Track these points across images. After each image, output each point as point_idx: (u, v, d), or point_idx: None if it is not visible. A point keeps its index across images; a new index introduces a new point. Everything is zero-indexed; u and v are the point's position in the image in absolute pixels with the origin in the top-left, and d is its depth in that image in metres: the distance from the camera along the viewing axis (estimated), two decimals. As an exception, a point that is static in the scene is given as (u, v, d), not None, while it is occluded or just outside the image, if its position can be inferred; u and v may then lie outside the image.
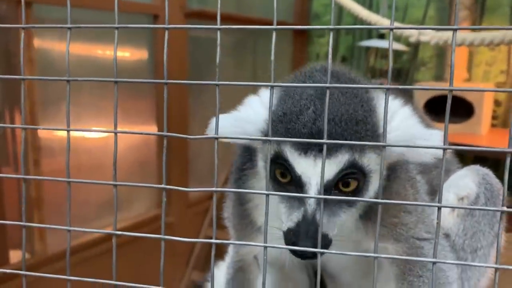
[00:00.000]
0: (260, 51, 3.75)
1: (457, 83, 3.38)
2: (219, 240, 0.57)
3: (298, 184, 0.71)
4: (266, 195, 0.57)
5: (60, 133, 2.45)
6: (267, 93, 0.77)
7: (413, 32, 2.05)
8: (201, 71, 3.16)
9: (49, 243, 2.39)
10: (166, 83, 0.54)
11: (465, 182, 0.91)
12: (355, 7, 2.79)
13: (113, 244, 0.58)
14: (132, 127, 2.87)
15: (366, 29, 3.66)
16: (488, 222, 0.89)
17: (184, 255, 3.28)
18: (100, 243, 2.56)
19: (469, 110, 3.05)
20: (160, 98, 2.88)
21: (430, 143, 0.68)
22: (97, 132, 2.65)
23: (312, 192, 0.69)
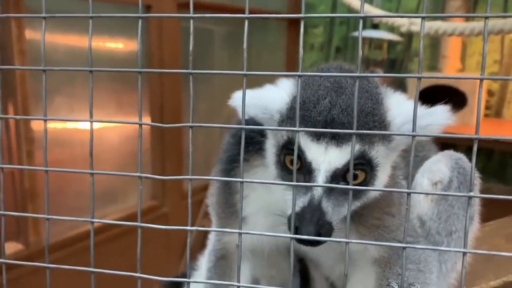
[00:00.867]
0: (255, 42, 3.74)
1: (451, 74, 3.39)
2: (194, 227, 0.58)
3: (308, 171, 0.72)
4: (241, 183, 0.58)
5: (53, 125, 2.45)
6: (286, 82, 0.80)
7: (404, 22, 2.05)
8: (195, 61, 3.15)
9: (44, 235, 2.40)
10: (140, 72, 0.55)
11: (439, 167, 0.92)
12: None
13: (91, 232, 0.59)
14: (127, 119, 2.87)
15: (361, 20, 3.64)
16: (462, 206, 0.89)
17: (179, 247, 3.30)
18: (99, 233, 2.57)
19: (462, 100, 3.05)
20: (153, 90, 2.90)
21: (436, 118, 0.71)
22: (85, 123, 2.64)
23: (320, 179, 0.71)
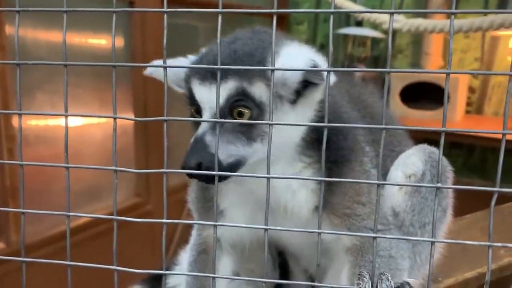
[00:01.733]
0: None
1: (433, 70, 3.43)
2: (170, 220, 0.59)
3: (198, 111, 0.79)
4: (215, 176, 0.59)
5: (35, 122, 2.43)
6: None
7: (386, 19, 2.07)
8: (178, 57, 3.14)
9: (26, 233, 2.37)
10: (114, 66, 0.55)
11: (412, 160, 0.93)
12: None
13: (67, 226, 0.59)
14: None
15: (344, 17, 3.67)
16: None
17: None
18: (83, 231, 2.55)
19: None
20: (136, 86, 2.89)
21: (294, 58, 0.76)
22: (78, 120, 2.62)
23: (206, 116, 0.77)
